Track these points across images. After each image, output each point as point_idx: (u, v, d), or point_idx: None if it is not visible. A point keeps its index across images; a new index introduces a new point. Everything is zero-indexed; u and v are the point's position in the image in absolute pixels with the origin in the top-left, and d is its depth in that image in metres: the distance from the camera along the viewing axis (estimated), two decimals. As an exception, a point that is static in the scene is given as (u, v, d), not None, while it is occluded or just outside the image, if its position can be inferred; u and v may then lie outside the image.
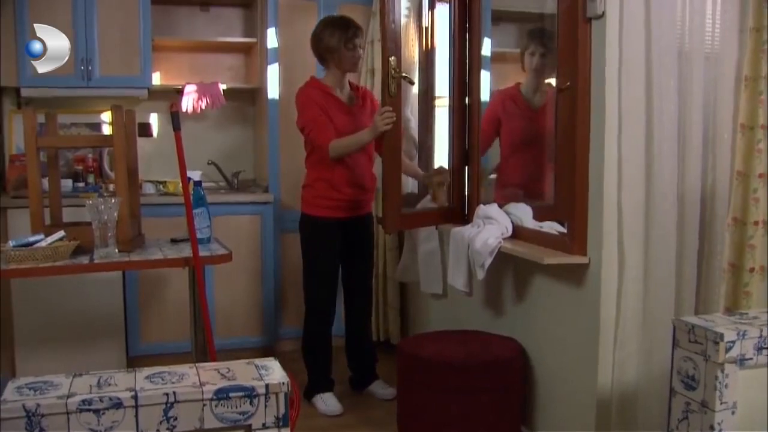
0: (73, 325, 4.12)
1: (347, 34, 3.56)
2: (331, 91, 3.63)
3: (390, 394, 3.86)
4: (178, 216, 3.95)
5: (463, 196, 3.57)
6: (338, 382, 3.91)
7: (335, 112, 3.58)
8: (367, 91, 3.84)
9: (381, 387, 3.93)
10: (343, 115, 3.59)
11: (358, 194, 3.65)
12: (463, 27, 3.54)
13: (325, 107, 3.57)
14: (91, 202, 2.91)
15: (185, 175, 3.01)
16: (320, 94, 3.60)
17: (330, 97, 3.60)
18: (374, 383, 3.96)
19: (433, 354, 3.01)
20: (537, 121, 3.66)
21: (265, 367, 1.63)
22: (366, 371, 3.98)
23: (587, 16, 2.60)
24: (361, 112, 3.65)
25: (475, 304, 3.52)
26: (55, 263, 2.86)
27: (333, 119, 3.56)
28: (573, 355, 2.82)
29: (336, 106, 3.60)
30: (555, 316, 2.94)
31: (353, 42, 3.57)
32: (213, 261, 3.04)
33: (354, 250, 3.79)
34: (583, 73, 2.64)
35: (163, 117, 4.77)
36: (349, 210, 3.65)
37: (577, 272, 2.75)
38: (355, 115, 3.62)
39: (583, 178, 2.69)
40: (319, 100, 3.58)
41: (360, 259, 3.83)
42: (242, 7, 4.85)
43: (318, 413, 3.71)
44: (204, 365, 1.64)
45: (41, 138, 3.13)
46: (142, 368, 1.69)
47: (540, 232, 3.06)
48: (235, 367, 1.63)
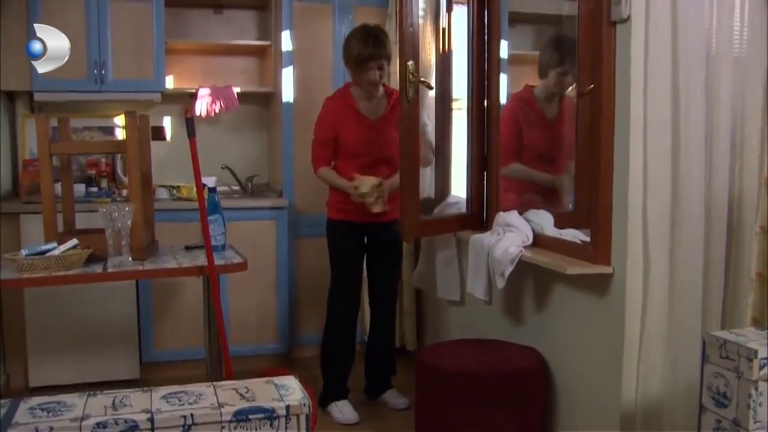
0: (86, 332, 4.09)
1: (362, 52, 3.47)
2: (354, 103, 3.59)
3: (403, 403, 3.82)
4: (191, 221, 3.94)
5: (482, 203, 3.50)
6: (353, 389, 3.85)
7: (351, 126, 3.57)
8: (394, 95, 3.65)
9: (394, 396, 3.88)
10: (361, 130, 3.57)
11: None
12: (481, 29, 3.48)
13: (340, 122, 3.57)
14: (105, 210, 2.87)
15: (200, 182, 2.96)
16: (341, 107, 3.59)
17: (351, 111, 3.58)
18: (388, 392, 3.91)
19: (452, 364, 2.95)
20: (554, 125, 3.60)
21: (284, 386, 1.58)
22: (381, 381, 3.94)
23: (612, 19, 2.53)
24: (386, 127, 3.58)
25: (494, 312, 3.45)
26: (68, 272, 2.83)
27: (346, 134, 3.57)
28: (596, 366, 2.75)
29: (354, 121, 3.57)
30: (577, 326, 2.87)
31: (368, 64, 3.48)
32: (228, 270, 3.00)
33: (378, 259, 3.76)
34: (607, 78, 2.57)
35: (176, 120, 4.74)
36: (367, 215, 3.55)
37: (600, 282, 2.68)
38: (376, 131, 3.58)
39: (608, 185, 2.62)
40: (336, 115, 3.58)
41: (383, 268, 3.79)
42: (256, 10, 4.80)
43: (333, 422, 3.66)
44: (222, 384, 1.59)
45: (54, 144, 3.09)
46: (158, 387, 1.64)
47: (561, 240, 2.99)
48: (253, 386, 1.58)
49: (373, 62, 3.48)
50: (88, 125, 4.59)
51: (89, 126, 4.58)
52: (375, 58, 3.48)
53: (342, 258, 3.71)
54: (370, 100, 3.62)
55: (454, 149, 4.08)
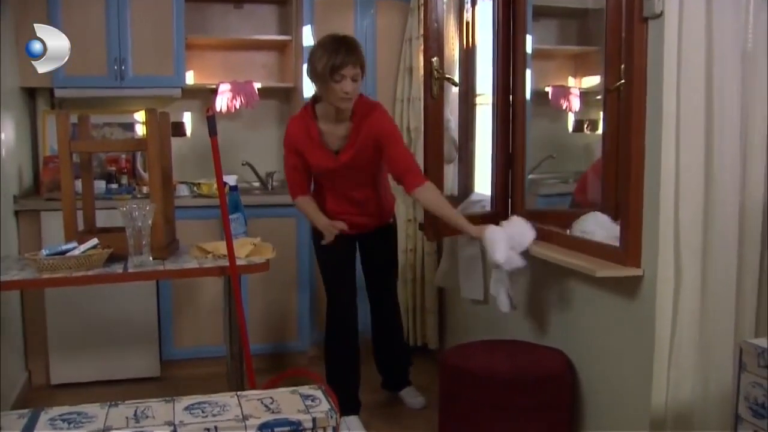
0: (106, 330, 4.08)
1: (335, 60, 3.04)
2: (315, 129, 3.26)
3: (419, 403, 3.78)
4: (212, 218, 3.91)
5: (507, 202, 3.44)
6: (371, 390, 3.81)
7: (316, 157, 3.29)
8: (365, 114, 3.24)
9: (412, 395, 3.83)
10: (324, 163, 3.29)
11: (356, 219, 3.42)
12: (507, 22, 3.40)
13: (302, 149, 3.28)
14: (125, 209, 2.84)
15: (222, 181, 2.92)
16: (302, 133, 3.28)
17: (312, 140, 3.26)
18: (405, 389, 3.86)
19: (477, 367, 2.89)
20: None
21: (311, 397, 1.54)
22: (397, 375, 3.89)
23: (644, 15, 2.45)
24: (351, 155, 3.25)
25: (518, 312, 3.39)
26: (88, 272, 2.80)
27: (311, 162, 3.30)
28: (625, 371, 2.68)
29: (317, 152, 3.28)
30: (604, 329, 2.80)
31: (340, 72, 3.06)
32: (250, 270, 2.96)
33: (372, 262, 3.68)
34: (638, 75, 2.49)
35: (196, 116, 4.70)
36: (354, 228, 3.40)
37: (630, 285, 2.61)
38: (340, 164, 3.27)
39: (638, 185, 2.54)
40: (297, 141, 3.28)
41: (378, 270, 3.71)
42: (276, 4, 4.75)
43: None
44: (246, 394, 1.55)
45: (74, 142, 3.06)
46: (180, 398, 1.59)
47: (588, 240, 2.92)
48: (279, 397, 1.53)
49: (347, 70, 3.06)
50: (109, 121, 4.56)
51: (109, 122, 4.56)
52: (347, 65, 3.06)
53: (329, 263, 3.53)
54: (336, 122, 3.25)
55: (478, 145, 4.03)
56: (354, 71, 3.08)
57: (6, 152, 3.84)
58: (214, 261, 2.98)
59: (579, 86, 4.48)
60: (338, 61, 3.04)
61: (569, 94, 4.39)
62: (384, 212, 3.59)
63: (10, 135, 3.96)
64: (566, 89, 4.43)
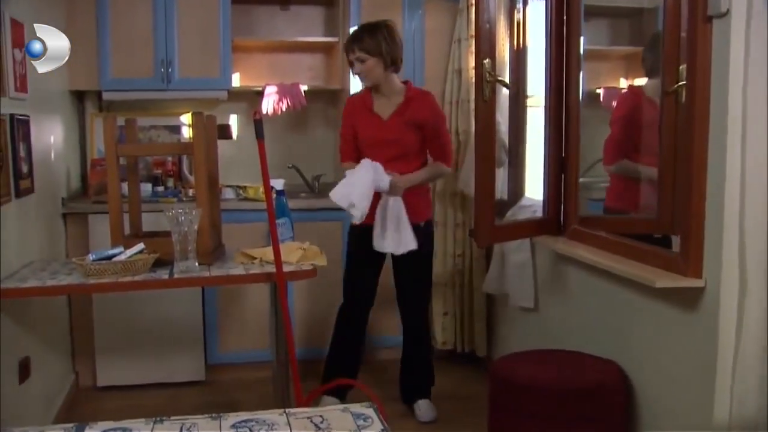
0: (152, 333, 4.08)
1: (345, 52, 3.54)
2: (370, 101, 3.59)
3: (429, 417, 3.71)
4: (258, 222, 3.87)
5: (559, 207, 3.34)
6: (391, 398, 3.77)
7: (365, 123, 3.59)
8: (417, 96, 3.58)
9: (423, 408, 3.74)
10: (371, 128, 3.58)
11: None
12: (560, 22, 3.30)
13: (355, 119, 3.62)
14: (171, 214, 2.81)
15: (268, 185, 2.89)
16: (358, 105, 3.63)
17: (365, 109, 3.60)
18: (420, 401, 3.77)
19: (527, 378, 2.80)
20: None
21: (363, 416, 1.47)
22: (415, 389, 3.81)
23: (708, 14, 2.34)
24: (398, 123, 3.53)
25: (570, 320, 3.30)
26: (134, 278, 2.78)
27: (360, 130, 3.60)
28: (684, 385, 2.57)
29: (367, 119, 3.59)
30: (662, 341, 2.69)
31: (348, 57, 3.52)
32: (297, 277, 2.92)
33: (404, 263, 3.61)
34: (701, 77, 2.38)
35: (242, 119, 4.69)
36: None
37: (690, 295, 2.50)
38: (385, 129, 3.54)
39: (701, 191, 2.43)
40: (351, 111, 3.65)
41: (410, 273, 3.67)
42: (323, 5, 4.71)
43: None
44: (295, 412, 1.49)
45: (121, 146, 3.05)
46: (227, 414, 1.54)
47: (645, 248, 2.81)
48: (329, 415, 1.47)
49: (350, 55, 3.49)
50: (155, 124, 4.56)
51: (156, 125, 4.56)
52: (348, 51, 3.50)
53: (352, 257, 3.71)
54: (388, 98, 3.58)
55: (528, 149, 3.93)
56: (355, 55, 3.47)
57: (55, 155, 3.85)
58: (260, 267, 2.94)
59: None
60: (347, 48, 3.51)
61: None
62: (417, 206, 3.56)
63: (58, 138, 3.98)
64: (618, 91, 4.32)
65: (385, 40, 3.47)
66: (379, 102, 3.59)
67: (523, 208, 3.73)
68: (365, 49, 3.45)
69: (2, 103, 2.94)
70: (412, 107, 3.53)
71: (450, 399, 3.92)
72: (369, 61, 3.46)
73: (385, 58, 3.47)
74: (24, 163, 3.20)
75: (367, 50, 3.45)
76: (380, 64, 3.47)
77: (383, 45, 3.45)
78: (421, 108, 3.54)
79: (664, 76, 3.03)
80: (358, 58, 3.47)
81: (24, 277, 2.91)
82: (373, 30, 3.49)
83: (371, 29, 3.49)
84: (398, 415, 3.65)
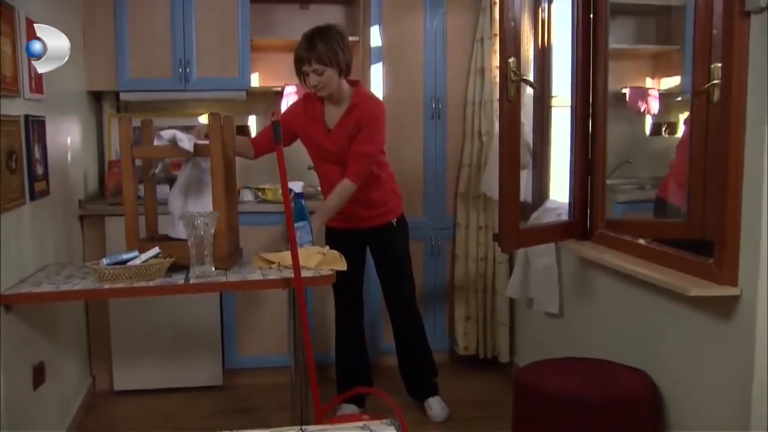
0: (169, 337, 4.02)
1: (296, 55, 3.29)
2: (321, 107, 3.42)
3: (442, 415, 3.68)
4: (277, 224, 3.79)
5: (586, 210, 3.23)
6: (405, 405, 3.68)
7: (312, 133, 3.46)
8: (357, 104, 3.37)
9: (436, 406, 3.71)
10: (318, 138, 3.44)
11: (355, 209, 3.47)
12: (587, 20, 3.20)
13: (303, 124, 3.46)
14: (187, 218, 2.74)
15: (287, 189, 2.81)
16: (309, 111, 3.45)
17: (315, 115, 3.43)
18: (431, 399, 3.74)
19: (554, 387, 2.70)
20: None
21: (381, 434, 1.39)
22: (420, 385, 3.79)
23: (746, 9, 2.23)
24: (341, 135, 3.38)
25: (596, 327, 3.20)
26: (149, 283, 2.72)
27: (308, 140, 3.49)
28: (718, 398, 2.46)
29: (314, 127, 3.44)
30: (694, 351, 2.58)
31: (301, 68, 3.28)
32: (316, 282, 2.84)
33: (380, 264, 3.65)
34: (738, 76, 2.28)
35: (261, 119, 4.62)
36: (347, 221, 3.52)
37: (724, 304, 2.39)
38: (332, 139, 3.41)
39: (736, 195, 2.33)
40: (301, 114, 3.46)
41: (388, 273, 3.66)
42: (343, 4, 4.64)
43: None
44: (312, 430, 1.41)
45: (136, 149, 2.99)
46: (241, 432, 1.46)
47: (676, 254, 2.71)
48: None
49: (305, 66, 3.25)
50: (173, 124, 4.49)
51: (174, 125, 4.48)
52: (303, 61, 3.25)
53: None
54: (337, 105, 3.40)
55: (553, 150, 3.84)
56: (312, 67, 3.24)
57: (71, 156, 3.81)
58: (278, 272, 2.86)
59: (657, 87, 4.27)
60: (296, 56, 3.29)
61: (647, 96, 4.19)
62: (381, 206, 3.55)
63: (76, 139, 3.93)
64: (644, 90, 4.24)
65: (339, 47, 3.27)
66: (328, 109, 3.42)
67: (548, 211, 3.63)
68: (321, 60, 3.22)
69: (17, 104, 2.90)
70: (354, 115, 3.35)
71: (473, 406, 3.84)
72: (327, 72, 3.25)
73: (341, 67, 3.28)
74: (39, 165, 3.15)
75: (324, 61, 3.23)
76: (336, 74, 3.28)
77: (339, 53, 3.25)
78: (361, 116, 3.34)
79: (694, 75, 2.93)
80: (315, 71, 3.24)
81: (38, 281, 2.86)
82: (327, 37, 3.26)
83: (324, 37, 3.26)
84: (414, 422, 3.57)
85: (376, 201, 3.52)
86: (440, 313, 4.35)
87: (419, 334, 3.75)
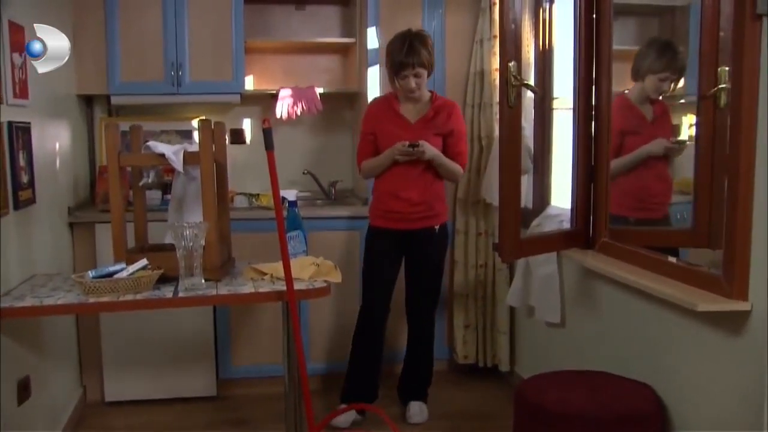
0: (161, 347, 3.93)
1: (397, 60, 3.39)
2: (397, 104, 3.55)
3: (417, 419, 3.66)
4: (272, 231, 3.67)
5: (588, 218, 3.14)
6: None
7: (390, 126, 3.53)
8: (445, 106, 3.56)
9: (416, 410, 3.70)
10: (397, 130, 3.50)
11: (404, 207, 3.51)
12: (589, 22, 3.11)
13: (380, 122, 3.55)
14: (175, 229, 2.64)
15: (278, 198, 2.73)
16: (383, 107, 3.58)
17: (391, 111, 3.55)
18: (415, 402, 3.73)
19: (556, 402, 2.61)
20: (654, 128, 3.30)
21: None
22: (413, 389, 3.78)
23: (757, 11, 2.14)
24: (422, 129, 3.49)
25: (599, 339, 3.11)
26: (136, 297, 2.62)
27: (385, 133, 3.53)
28: (728, 415, 2.37)
29: (393, 120, 3.53)
30: (702, 366, 2.49)
31: (402, 72, 3.40)
32: (309, 295, 2.75)
33: (418, 268, 3.62)
34: (749, 80, 2.18)
35: (256, 123, 4.53)
36: (402, 221, 3.53)
37: (734, 319, 2.30)
38: (412, 132, 3.47)
39: (746, 206, 2.24)
40: (376, 114, 3.58)
41: (420, 279, 3.63)
42: (340, 5, 4.54)
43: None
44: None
45: (123, 156, 2.89)
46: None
47: (683, 266, 2.62)
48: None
49: (408, 70, 3.39)
50: (166, 128, 4.41)
51: (167, 129, 4.40)
52: (407, 66, 3.38)
53: (373, 259, 3.63)
54: (415, 105, 3.54)
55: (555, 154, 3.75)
56: (414, 71, 3.39)
57: (60, 162, 3.71)
58: (270, 284, 2.77)
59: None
60: (398, 61, 3.38)
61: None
62: (433, 208, 3.56)
63: (65, 144, 3.84)
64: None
65: (432, 51, 3.47)
66: (405, 107, 3.54)
67: (550, 218, 3.53)
68: (423, 65, 3.41)
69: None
70: (441, 116, 3.51)
71: (473, 418, 3.76)
72: (424, 74, 3.45)
73: (432, 69, 3.50)
74: (24, 173, 3.05)
75: (425, 65, 3.42)
76: (427, 76, 3.49)
77: (433, 57, 3.46)
78: (449, 118, 3.52)
79: (700, 78, 2.84)
80: (416, 74, 3.41)
81: (22, 294, 2.75)
82: (425, 42, 3.43)
83: (423, 42, 3.42)
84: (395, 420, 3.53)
85: (425, 201, 3.53)
86: (439, 321, 4.22)
87: (430, 345, 3.75)
